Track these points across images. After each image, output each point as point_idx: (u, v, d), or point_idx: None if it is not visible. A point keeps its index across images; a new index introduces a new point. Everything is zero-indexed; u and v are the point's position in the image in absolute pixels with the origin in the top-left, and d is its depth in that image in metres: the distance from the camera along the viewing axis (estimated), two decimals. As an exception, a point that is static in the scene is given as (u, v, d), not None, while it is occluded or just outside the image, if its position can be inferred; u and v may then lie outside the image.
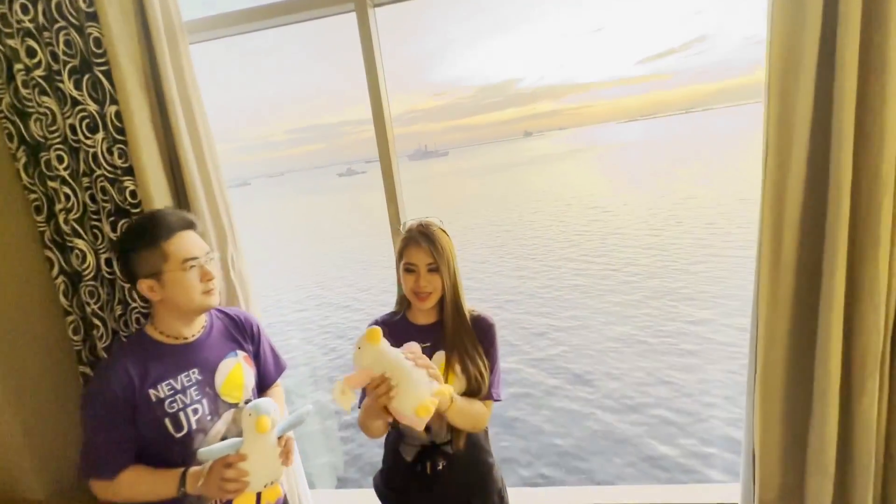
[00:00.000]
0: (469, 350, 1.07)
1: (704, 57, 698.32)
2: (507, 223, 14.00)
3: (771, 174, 1.18)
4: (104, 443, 0.97)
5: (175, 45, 1.24)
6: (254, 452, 0.93)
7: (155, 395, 0.99)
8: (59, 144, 1.25)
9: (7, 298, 1.28)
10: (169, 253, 0.97)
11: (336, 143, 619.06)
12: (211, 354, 1.08)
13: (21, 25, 1.19)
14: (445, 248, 1.04)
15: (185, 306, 1.01)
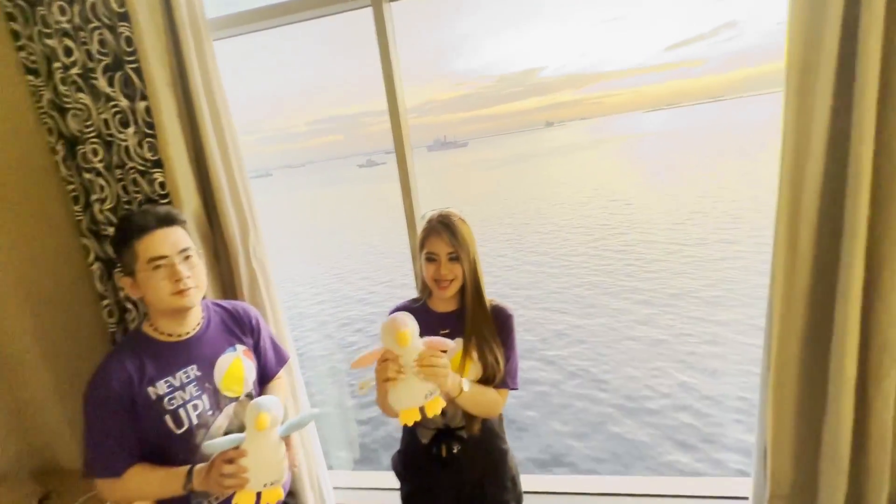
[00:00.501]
0: (487, 338, 1.09)
1: (735, 43, 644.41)
2: (526, 216, 13.82)
3: (788, 164, 1.17)
4: (108, 440, 0.96)
5: (200, 42, 1.29)
6: (253, 449, 0.91)
7: (154, 393, 0.98)
8: (94, 138, 1.32)
9: (47, 283, 1.37)
10: (138, 252, 0.96)
11: (356, 134, 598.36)
12: (209, 350, 1.07)
13: (59, 26, 1.26)
14: (465, 237, 1.07)
15: (158, 305, 1.00)
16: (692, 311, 5.51)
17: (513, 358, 1.13)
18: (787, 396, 1.31)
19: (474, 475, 1.15)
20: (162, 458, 1.00)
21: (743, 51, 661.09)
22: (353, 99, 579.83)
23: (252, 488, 0.92)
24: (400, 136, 1.45)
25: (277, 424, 0.94)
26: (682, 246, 8.20)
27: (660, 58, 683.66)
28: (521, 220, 13.23)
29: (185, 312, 1.04)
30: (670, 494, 1.70)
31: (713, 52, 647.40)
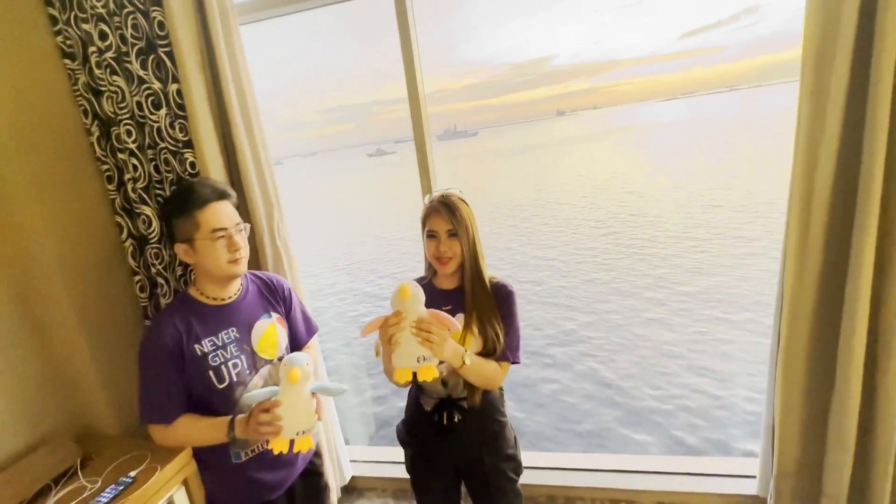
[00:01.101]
0: (487, 313, 1.14)
1: (755, 30, 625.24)
2: (536, 206, 13.71)
3: (803, 147, 1.19)
4: (160, 391, 1.08)
5: (227, 25, 1.34)
6: (287, 401, 1.00)
7: (200, 350, 1.08)
8: (127, 120, 1.38)
9: (83, 258, 1.44)
10: (200, 222, 1.05)
11: (366, 123, 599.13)
12: (247, 315, 1.17)
13: (94, 11, 1.31)
14: (464, 216, 1.11)
15: (213, 272, 1.09)
16: (706, 312, 5.26)
17: (513, 332, 1.17)
18: (796, 376, 1.34)
19: (473, 444, 1.20)
20: (205, 410, 1.11)
21: (763, 38, 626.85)
22: (364, 88, 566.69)
23: (286, 436, 1.01)
24: (420, 121, 1.49)
25: (308, 379, 1.02)
26: (698, 241, 8.02)
27: (676, 45, 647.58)
28: (532, 212, 13.09)
29: (232, 279, 1.14)
30: (679, 472, 1.75)
31: (731, 39, 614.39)
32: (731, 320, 4.97)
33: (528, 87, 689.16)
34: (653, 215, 10.52)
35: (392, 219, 14.47)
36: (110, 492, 1.21)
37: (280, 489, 1.21)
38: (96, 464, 1.34)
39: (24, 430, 1.36)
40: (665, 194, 12.67)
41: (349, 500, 1.93)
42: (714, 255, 7.28)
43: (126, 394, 1.54)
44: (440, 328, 0.98)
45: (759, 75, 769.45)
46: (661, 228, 9.36)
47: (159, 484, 1.26)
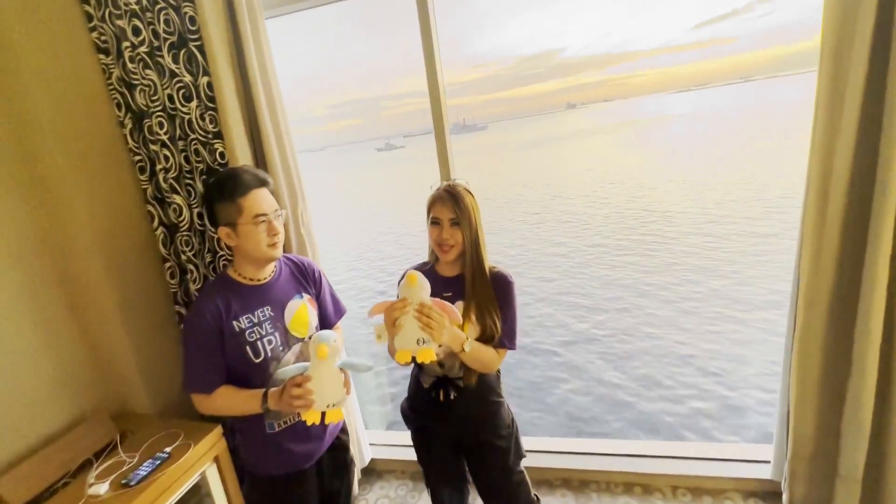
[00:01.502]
0: (485, 302, 1.17)
1: (769, 19, 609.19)
2: (545, 201, 13.59)
3: (820, 134, 1.20)
4: (202, 364, 1.15)
5: (255, 19, 1.38)
6: (316, 375, 1.05)
7: (238, 326, 1.15)
8: (159, 112, 1.43)
9: (119, 245, 1.50)
10: (243, 208, 1.10)
11: (374, 118, 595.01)
12: (280, 295, 1.23)
13: (128, 7, 1.36)
14: (468, 205, 1.15)
15: (253, 255, 1.15)
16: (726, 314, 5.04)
17: (510, 321, 1.21)
18: (812, 358, 1.36)
19: (470, 422, 1.26)
20: (242, 382, 1.18)
21: (778, 27, 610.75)
22: (372, 83, 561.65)
23: (318, 408, 1.07)
24: (440, 113, 1.52)
25: (336, 355, 1.07)
26: (713, 238, 7.86)
27: (688, 36, 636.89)
28: (541, 206, 12.96)
29: (270, 261, 1.20)
30: (693, 456, 1.77)
31: (746, 30, 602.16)
32: (744, 318, 4.86)
33: (539, 80, 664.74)
34: (663, 210, 10.37)
35: (404, 216, 14.40)
36: (148, 465, 1.28)
37: (310, 460, 1.27)
38: (132, 440, 1.41)
39: (65, 409, 1.44)
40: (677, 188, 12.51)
41: (369, 482, 2.00)
42: (727, 251, 7.15)
43: (158, 375, 1.61)
44: (440, 315, 1.02)
45: (775, 66, 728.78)
46: (672, 223, 9.24)
47: (193, 459, 1.33)
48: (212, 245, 1.54)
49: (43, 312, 1.40)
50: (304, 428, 1.26)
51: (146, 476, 1.24)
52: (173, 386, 1.66)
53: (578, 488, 1.80)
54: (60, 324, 1.44)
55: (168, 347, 1.65)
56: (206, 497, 1.43)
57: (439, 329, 1.02)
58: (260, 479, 1.28)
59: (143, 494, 1.19)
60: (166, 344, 1.65)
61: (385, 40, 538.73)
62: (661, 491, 1.73)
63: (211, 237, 1.53)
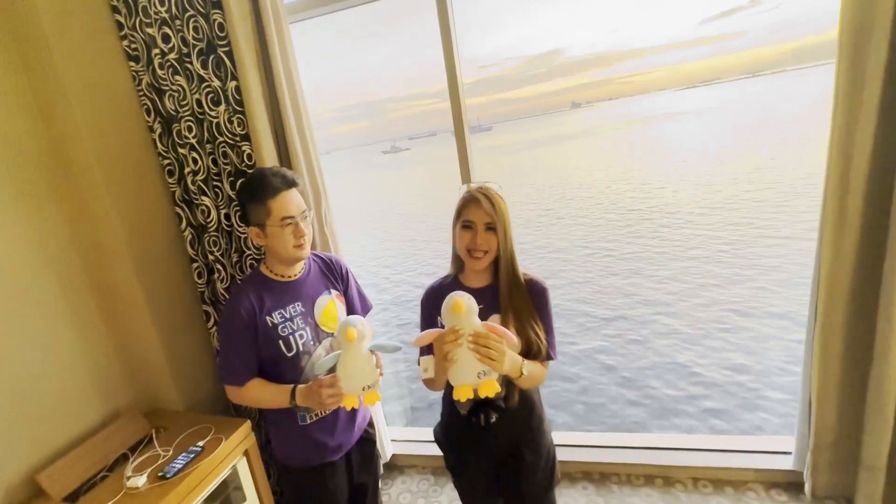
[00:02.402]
0: (524, 312, 1.09)
1: (777, 14, 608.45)
2: (550, 201, 13.54)
3: (839, 127, 1.21)
4: (236, 357, 1.20)
5: (280, 25, 1.42)
6: (349, 359, 1.07)
7: (270, 321, 1.19)
8: (188, 117, 1.48)
9: (149, 246, 1.55)
10: (272, 210, 1.14)
11: (381, 121, 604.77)
12: (310, 291, 1.27)
13: (158, 16, 1.41)
14: (503, 209, 1.08)
15: (281, 254, 1.19)
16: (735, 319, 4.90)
17: (550, 330, 1.14)
18: (833, 347, 1.37)
19: (512, 442, 1.17)
20: (275, 374, 1.22)
21: (784, 22, 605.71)
22: (379, 85, 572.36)
23: (353, 392, 1.09)
24: (459, 115, 1.55)
25: (364, 338, 1.09)
26: (720, 237, 7.74)
27: (694, 32, 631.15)
28: (548, 208, 12.87)
29: (297, 261, 1.24)
30: (713, 448, 1.78)
31: (753, 25, 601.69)
32: (757, 315, 4.83)
33: (544, 80, 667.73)
34: (669, 211, 10.26)
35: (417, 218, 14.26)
36: (183, 459, 1.32)
37: (339, 452, 1.31)
38: (166, 435, 1.45)
39: (100, 406, 1.48)
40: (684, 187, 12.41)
41: (391, 477, 2.03)
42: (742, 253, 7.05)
43: (188, 372, 1.65)
44: (499, 342, 0.94)
45: (783, 60, 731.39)
46: (679, 221, 9.16)
47: (225, 453, 1.37)
48: (238, 245, 1.58)
49: (76, 313, 1.44)
50: (334, 420, 1.29)
51: (182, 469, 1.28)
52: (202, 382, 1.70)
53: (599, 481, 1.82)
54: (93, 324, 1.49)
55: (196, 345, 1.70)
56: (236, 490, 1.47)
57: (500, 359, 0.93)
58: (290, 471, 1.32)
59: (180, 487, 1.23)
60: (195, 342, 1.69)
61: (394, 42, 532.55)
62: (682, 483, 1.74)
63: (238, 237, 1.57)
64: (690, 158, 17.21)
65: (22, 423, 1.27)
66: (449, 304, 0.94)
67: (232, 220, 1.55)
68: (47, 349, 1.36)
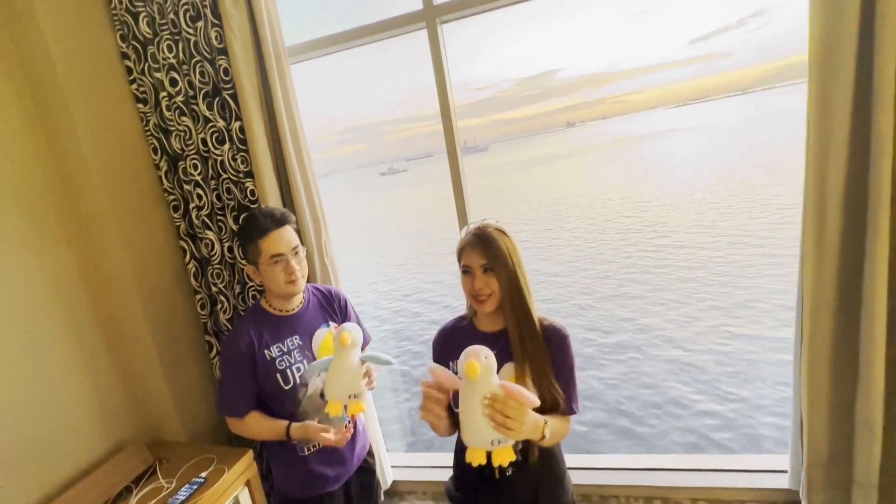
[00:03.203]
0: (541, 363, 1.01)
1: (764, 32, 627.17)
2: (549, 220, 13.58)
3: (814, 147, 1.25)
4: (236, 390, 1.24)
5: (281, 67, 1.50)
6: (338, 364, 1.10)
7: (269, 355, 1.23)
8: (193, 155, 1.54)
9: (154, 277, 1.59)
10: (262, 249, 1.18)
11: (378, 143, 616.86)
12: (308, 324, 1.31)
13: (166, 61, 1.49)
14: (501, 247, 1.00)
15: (274, 291, 1.24)
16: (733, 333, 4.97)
17: (573, 382, 1.06)
18: (821, 367, 1.40)
19: (530, 496, 1.09)
20: (274, 407, 1.26)
21: (772, 40, 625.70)
22: (374, 109, 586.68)
23: (340, 399, 1.10)
24: (453, 146, 1.62)
25: (357, 346, 1.12)
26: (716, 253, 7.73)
27: (684, 52, 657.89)
28: (543, 225, 12.90)
29: (290, 297, 1.28)
30: (711, 469, 1.80)
31: (740, 44, 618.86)
32: (751, 336, 4.83)
33: (538, 100, 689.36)
34: (664, 228, 10.33)
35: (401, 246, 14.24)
36: (186, 491, 1.33)
37: (338, 483, 1.33)
38: (169, 467, 1.47)
39: (104, 438, 1.50)
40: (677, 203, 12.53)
41: (391, 503, 2.02)
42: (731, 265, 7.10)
43: (190, 403, 1.68)
44: (518, 409, 0.85)
45: (771, 77, 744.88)
46: (670, 238, 9.22)
47: (228, 483, 1.39)
48: (240, 277, 1.63)
49: (83, 346, 1.48)
50: (332, 451, 1.32)
51: (185, 501, 1.29)
52: (204, 412, 1.72)
53: (599, 503, 1.82)
54: (99, 357, 1.52)
55: (198, 376, 1.73)
56: (239, 521, 1.48)
57: (518, 428, 0.84)
58: (290, 502, 1.33)
59: (184, 518, 1.25)
60: (197, 373, 1.72)
61: (389, 66, 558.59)
62: (681, 504, 1.75)
63: (240, 269, 1.62)
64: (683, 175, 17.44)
65: (28, 455, 1.30)
66: (463, 367, 0.85)
67: (235, 253, 1.61)
68: (55, 382, 1.39)
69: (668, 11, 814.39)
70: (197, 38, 1.46)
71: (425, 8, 1.53)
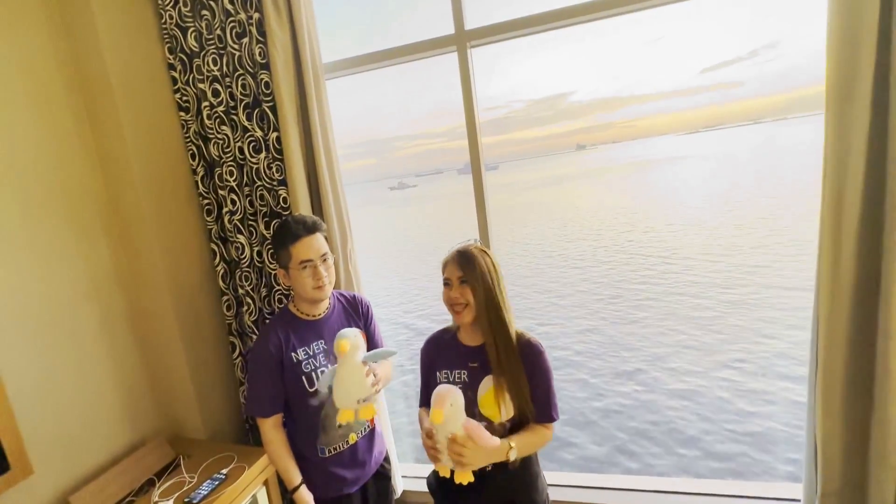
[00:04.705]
0: (516, 374, 1.10)
1: (775, 64, 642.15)
2: (556, 244, 13.47)
3: (830, 177, 1.28)
4: (263, 390, 1.28)
5: (318, 83, 1.58)
6: (342, 372, 1.13)
7: (295, 358, 1.28)
8: (230, 162, 1.62)
9: (185, 278, 1.65)
10: (293, 254, 1.25)
11: (388, 158, 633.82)
12: (333, 329, 1.34)
13: (210, 73, 1.57)
14: (479, 263, 1.10)
15: (302, 295, 1.29)
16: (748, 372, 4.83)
17: (546, 394, 1.14)
18: (835, 395, 1.41)
19: (505, 495, 1.17)
20: (298, 409, 1.30)
21: (783, 72, 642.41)
22: (387, 124, 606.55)
23: (349, 407, 1.14)
24: (477, 161, 1.68)
25: (357, 350, 1.15)
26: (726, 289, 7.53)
27: (695, 80, 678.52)
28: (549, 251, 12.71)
29: (317, 302, 1.33)
30: (720, 494, 1.79)
31: (752, 74, 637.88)
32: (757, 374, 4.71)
33: (549, 122, 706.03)
34: (673, 257, 10.21)
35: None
36: (208, 486, 1.37)
37: (356, 485, 1.35)
38: (190, 462, 1.51)
39: (129, 431, 1.55)
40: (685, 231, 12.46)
41: (399, 515, 2.03)
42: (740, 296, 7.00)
43: (212, 401, 1.72)
44: (473, 448, 1.00)
45: (782, 109, 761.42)
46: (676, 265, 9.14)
47: (248, 481, 1.42)
48: (267, 281, 1.69)
49: (114, 342, 1.54)
50: (352, 454, 1.35)
51: (207, 495, 1.32)
52: (224, 411, 1.76)
53: (607, 524, 1.81)
54: (128, 353, 1.58)
55: (221, 375, 1.77)
56: (255, 521, 1.50)
57: (470, 465, 1.01)
58: None
59: (205, 513, 1.28)
60: (220, 372, 1.77)
61: (406, 85, 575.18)
62: (691, 528, 1.74)
63: (268, 273, 1.68)
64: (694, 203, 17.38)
65: (57, 446, 1.34)
66: (431, 412, 0.99)
67: (263, 258, 1.67)
68: (86, 376, 1.44)
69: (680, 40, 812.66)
70: (241, 53, 1.54)
71: (457, 33, 1.61)
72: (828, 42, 1.24)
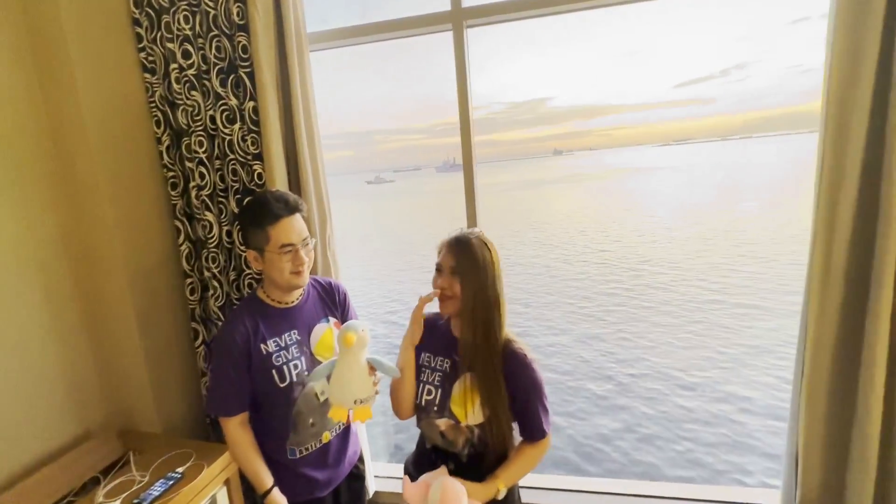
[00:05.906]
0: (491, 381, 1.01)
1: (745, 84, 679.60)
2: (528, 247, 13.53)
3: (825, 190, 1.28)
4: (228, 386, 1.13)
5: (302, 52, 1.46)
6: (343, 366, 1.02)
7: (265, 349, 1.14)
8: (200, 131, 1.48)
9: (143, 260, 1.50)
10: (271, 236, 1.10)
11: (367, 151, 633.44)
12: (307, 319, 1.23)
13: (181, 32, 1.43)
14: (478, 259, 1.00)
15: (277, 281, 1.15)
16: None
17: (535, 408, 1.05)
18: (819, 403, 1.41)
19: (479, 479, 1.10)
20: (267, 406, 1.17)
21: (750, 93, 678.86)
22: (367, 118, 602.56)
23: (345, 405, 1.03)
24: (469, 152, 1.59)
25: (365, 347, 1.04)
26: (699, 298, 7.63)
27: (670, 95, 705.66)
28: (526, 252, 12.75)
29: (294, 289, 1.20)
30: (696, 499, 1.77)
31: (723, 92, 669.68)
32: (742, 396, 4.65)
33: (527, 126, 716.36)
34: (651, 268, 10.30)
35: None
36: (161, 485, 1.24)
37: (328, 488, 1.25)
38: (142, 459, 1.37)
39: (72, 424, 1.40)
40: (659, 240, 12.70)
41: (369, 516, 1.93)
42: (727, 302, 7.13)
43: (169, 393, 1.58)
44: None
45: (750, 127, 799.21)
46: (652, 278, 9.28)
47: (206, 481, 1.30)
48: (237, 263, 1.56)
49: (59, 322, 1.38)
50: (324, 454, 1.24)
51: (159, 497, 1.20)
52: (183, 403, 1.62)
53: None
54: (75, 336, 1.42)
55: (180, 364, 1.63)
56: (213, 523, 1.38)
57: None
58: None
59: (156, 516, 1.15)
60: (179, 360, 1.63)
61: (390, 78, 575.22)
62: (668, 533, 1.71)
63: (238, 255, 1.55)
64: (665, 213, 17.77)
65: (-9, 434, 1.18)
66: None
67: (234, 238, 1.53)
68: (23, 358, 1.28)
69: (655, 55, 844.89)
70: (217, 12, 1.41)
71: (453, 9, 1.52)
72: (829, 40, 1.22)
